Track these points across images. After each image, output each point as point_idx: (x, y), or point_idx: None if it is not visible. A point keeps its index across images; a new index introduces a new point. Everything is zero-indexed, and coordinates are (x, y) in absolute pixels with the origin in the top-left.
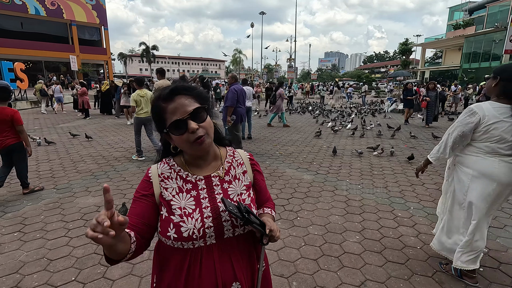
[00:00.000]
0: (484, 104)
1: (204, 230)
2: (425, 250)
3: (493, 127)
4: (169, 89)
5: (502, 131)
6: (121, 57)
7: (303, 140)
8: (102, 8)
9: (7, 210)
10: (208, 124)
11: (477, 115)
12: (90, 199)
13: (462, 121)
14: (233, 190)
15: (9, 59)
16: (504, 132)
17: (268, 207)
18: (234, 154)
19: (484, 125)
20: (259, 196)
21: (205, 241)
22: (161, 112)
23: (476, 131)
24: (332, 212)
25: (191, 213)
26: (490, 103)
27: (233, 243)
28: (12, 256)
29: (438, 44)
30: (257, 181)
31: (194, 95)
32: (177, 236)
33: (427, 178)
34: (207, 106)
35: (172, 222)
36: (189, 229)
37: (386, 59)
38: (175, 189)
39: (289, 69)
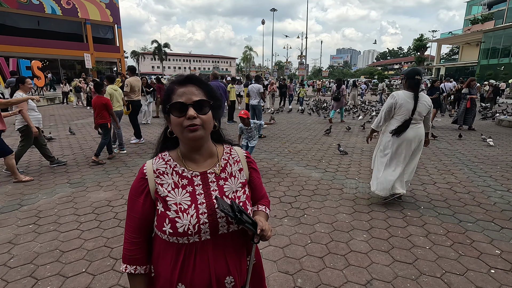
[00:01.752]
0: (399, 92)
1: (199, 226)
2: (435, 251)
3: (403, 106)
4: (186, 76)
5: (407, 108)
6: (133, 55)
7: (313, 138)
8: (115, 7)
9: (23, 203)
10: (207, 118)
11: (395, 98)
12: (101, 194)
13: (387, 102)
14: (228, 187)
15: (27, 57)
16: (408, 109)
17: (263, 205)
18: (231, 151)
19: (398, 104)
20: (254, 193)
21: (200, 237)
22: (170, 93)
23: (395, 108)
24: (340, 210)
25: (187, 209)
26: (403, 92)
27: (227, 239)
28: (27, 247)
29: (454, 40)
30: (252, 179)
31: (204, 89)
32: (172, 232)
33: (439, 178)
34: (212, 102)
35: (167, 218)
36: (184, 225)
37: (400, 55)
38: (171, 184)
39: (300, 66)
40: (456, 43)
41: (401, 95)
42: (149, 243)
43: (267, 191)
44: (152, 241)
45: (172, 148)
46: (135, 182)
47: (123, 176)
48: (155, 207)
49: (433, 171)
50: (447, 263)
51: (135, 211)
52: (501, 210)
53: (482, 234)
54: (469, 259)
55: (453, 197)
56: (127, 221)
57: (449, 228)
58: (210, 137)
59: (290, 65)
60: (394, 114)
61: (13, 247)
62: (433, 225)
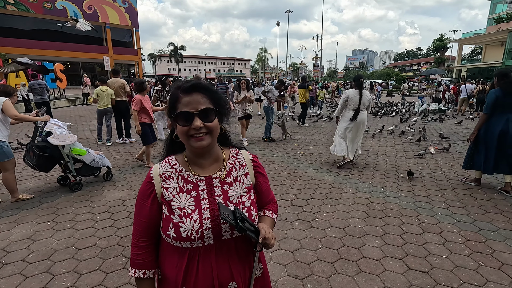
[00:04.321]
0: (350, 90)
1: (202, 232)
2: (452, 260)
3: (352, 99)
4: (191, 84)
5: (355, 100)
6: (150, 57)
7: (326, 140)
8: (134, 11)
9: (43, 200)
10: (213, 126)
11: (347, 94)
12: (116, 193)
13: (342, 97)
14: (233, 192)
15: (51, 60)
16: (355, 101)
17: (269, 210)
18: (237, 155)
19: (349, 98)
20: (261, 198)
21: (203, 242)
22: (175, 101)
23: (347, 100)
24: (352, 214)
25: (190, 213)
26: (352, 90)
27: (231, 245)
28: (45, 244)
29: (477, 40)
30: (258, 183)
31: (210, 96)
32: (176, 236)
33: (458, 184)
34: (219, 110)
35: (172, 222)
36: (188, 230)
37: (419, 56)
38: (176, 189)
39: (314, 68)
40: (479, 43)
41: (351, 92)
42: (157, 246)
43: (278, 193)
44: (160, 243)
45: (179, 151)
46: (142, 186)
47: (137, 176)
48: (162, 211)
49: (452, 176)
50: (465, 273)
51: (143, 215)
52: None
53: (504, 244)
54: (489, 269)
55: (473, 203)
56: (135, 226)
57: (468, 236)
58: (216, 141)
59: (305, 67)
60: (348, 104)
61: (32, 243)
62: (450, 232)
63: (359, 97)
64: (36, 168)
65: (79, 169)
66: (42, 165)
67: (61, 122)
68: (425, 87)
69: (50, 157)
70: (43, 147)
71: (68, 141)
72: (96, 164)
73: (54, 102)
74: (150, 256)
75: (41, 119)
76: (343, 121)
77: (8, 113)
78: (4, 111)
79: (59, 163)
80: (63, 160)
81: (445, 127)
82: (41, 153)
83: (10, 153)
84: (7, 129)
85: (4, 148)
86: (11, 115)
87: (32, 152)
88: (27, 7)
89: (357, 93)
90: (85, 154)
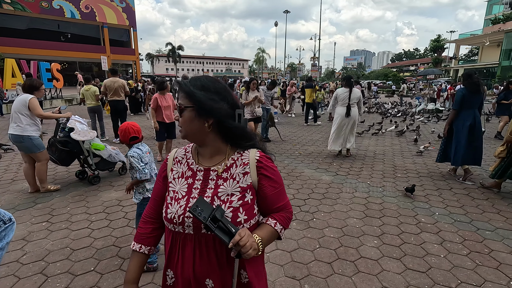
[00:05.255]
0: (339, 88)
1: (183, 218)
2: (450, 259)
3: (341, 96)
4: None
5: (343, 97)
6: (148, 57)
7: (324, 140)
8: (131, 11)
9: (38, 201)
10: (183, 120)
11: (337, 92)
12: (113, 193)
13: (334, 95)
14: (223, 190)
15: (47, 60)
16: (345, 98)
17: (274, 219)
18: (243, 153)
19: (339, 95)
20: (266, 203)
21: (183, 229)
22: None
23: (337, 98)
24: (350, 214)
25: (180, 199)
26: (342, 88)
27: (209, 241)
28: (39, 244)
29: (474, 40)
30: (261, 186)
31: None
32: (164, 216)
33: (455, 183)
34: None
35: (166, 202)
36: (172, 213)
37: (416, 57)
38: (179, 173)
39: (312, 68)
40: (475, 44)
41: (340, 91)
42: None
43: None
44: None
45: None
46: (161, 166)
47: None
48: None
49: (449, 175)
50: (463, 273)
51: (155, 192)
52: None
53: (501, 243)
54: (487, 269)
55: (471, 203)
56: (148, 203)
57: (466, 236)
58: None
59: (303, 67)
60: (338, 101)
61: (26, 244)
62: (448, 232)
63: (349, 94)
64: (58, 162)
65: (97, 164)
66: (63, 159)
67: (82, 119)
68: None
69: (71, 151)
70: (65, 142)
71: (88, 136)
72: (112, 158)
73: (51, 102)
74: (150, 233)
75: (63, 115)
76: (335, 116)
77: (34, 112)
78: (30, 110)
79: (78, 158)
80: (82, 154)
81: (442, 126)
82: (63, 148)
83: (41, 145)
84: (36, 124)
85: (35, 141)
86: (37, 114)
87: (54, 147)
88: (23, 6)
89: (346, 91)
90: (104, 149)
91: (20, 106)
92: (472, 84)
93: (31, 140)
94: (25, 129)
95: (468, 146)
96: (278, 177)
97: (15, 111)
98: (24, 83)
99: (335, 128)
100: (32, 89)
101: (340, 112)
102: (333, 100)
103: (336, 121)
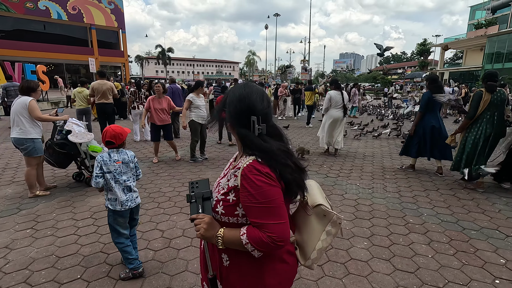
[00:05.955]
0: (331, 91)
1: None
2: (437, 259)
3: (334, 98)
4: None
5: (337, 100)
6: (138, 59)
7: (314, 143)
8: (120, 12)
9: (22, 207)
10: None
11: (329, 95)
12: (100, 198)
13: (326, 97)
14: (222, 182)
15: (32, 61)
16: (338, 100)
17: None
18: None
19: (332, 97)
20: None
21: None
22: None
23: (331, 100)
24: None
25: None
26: (334, 91)
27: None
28: (23, 252)
29: (458, 44)
30: (240, 193)
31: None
32: None
33: (442, 184)
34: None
35: None
36: None
37: (404, 60)
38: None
39: (303, 71)
40: (460, 48)
41: (333, 93)
42: None
43: None
44: None
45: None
46: None
47: None
48: None
49: (436, 176)
50: (450, 272)
51: None
52: (506, 218)
53: (486, 243)
54: (473, 268)
55: (457, 203)
56: None
57: (452, 236)
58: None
59: (293, 70)
60: (331, 104)
61: (10, 252)
62: (435, 232)
63: (342, 97)
64: (55, 165)
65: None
66: (60, 162)
67: (79, 121)
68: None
69: (68, 154)
70: (62, 145)
71: (85, 138)
72: None
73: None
74: None
75: (61, 118)
76: (328, 118)
77: (33, 114)
78: (30, 112)
79: (75, 160)
80: (79, 157)
81: None
82: (60, 150)
83: (40, 149)
84: (38, 125)
85: (37, 145)
86: (35, 117)
87: (52, 149)
88: (7, 6)
89: (338, 93)
90: (101, 151)
91: (20, 109)
92: (437, 87)
93: (33, 143)
94: (29, 131)
95: (436, 144)
96: (259, 193)
97: (16, 114)
98: (22, 85)
99: (327, 128)
100: (29, 91)
101: (333, 114)
102: (328, 102)
103: (328, 122)
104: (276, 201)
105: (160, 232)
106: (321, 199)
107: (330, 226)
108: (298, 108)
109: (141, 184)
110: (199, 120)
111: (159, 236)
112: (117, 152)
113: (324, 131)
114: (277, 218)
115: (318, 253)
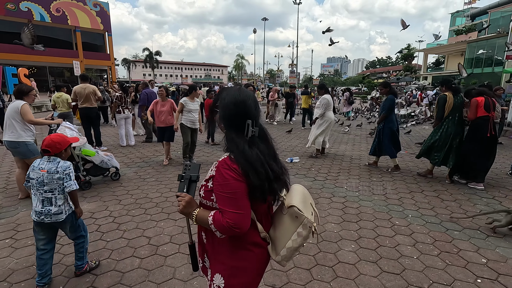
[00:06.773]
0: (326, 95)
1: None
2: (422, 260)
3: (330, 102)
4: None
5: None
6: (124, 62)
7: (302, 146)
8: (106, 15)
9: (1, 216)
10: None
11: (325, 99)
12: (85, 205)
13: (323, 102)
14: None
15: (14, 64)
16: (331, 103)
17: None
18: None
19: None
20: None
21: None
22: None
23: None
24: (328, 220)
25: None
26: (327, 95)
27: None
28: (2, 264)
29: (440, 50)
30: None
31: None
32: None
33: (427, 186)
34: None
35: None
36: None
37: (389, 64)
38: None
39: (291, 75)
40: (442, 53)
41: (328, 97)
42: None
43: None
44: None
45: None
46: None
47: (108, 186)
48: None
49: (421, 179)
50: (434, 273)
51: None
52: (486, 218)
53: (468, 243)
54: (456, 268)
55: (440, 205)
56: None
57: (436, 236)
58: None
59: (281, 73)
60: (328, 107)
61: None
62: (420, 233)
63: (332, 100)
64: None
65: (88, 169)
66: None
67: (72, 125)
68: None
69: None
70: None
71: (78, 142)
72: (105, 164)
73: None
74: None
75: (55, 122)
76: (326, 120)
77: (25, 118)
78: (22, 116)
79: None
80: (73, 161)
81: (414, 131)
82: None
83: (35, 151)
84: (30, 129)
85: (30, 147)
86: (28, 120)
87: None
88: None
89: (330, 97)
90: (94, 155)
91: (13, 113)
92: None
93: (26, 146)
94: (20, 135)
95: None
96: (225, 184)
97: (9, 118)
98: (14, 89)
99: (322, 130)
100: (21, 94)
101: (331, 116)
102: (326, 107)
103: (326, 124)
104: (237, 194)
105: (147, 239)
106: (297, 201)
107: (301, 228)
108: (291, 113)
109: (127, 190)
110: (188, 124)
111: (145, 243)
112: (47, 161)
113: (324, 133)
114: (235, 208)
115: (288, 251)
